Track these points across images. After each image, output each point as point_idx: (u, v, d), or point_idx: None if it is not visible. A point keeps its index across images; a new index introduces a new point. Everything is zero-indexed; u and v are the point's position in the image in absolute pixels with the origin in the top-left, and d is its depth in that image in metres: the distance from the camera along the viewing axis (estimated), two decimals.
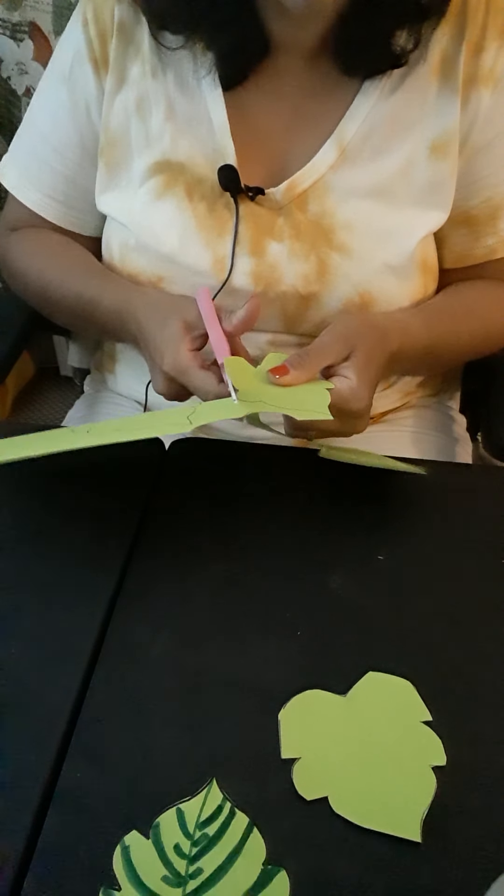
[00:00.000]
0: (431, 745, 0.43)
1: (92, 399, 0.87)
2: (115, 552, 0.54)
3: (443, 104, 0.64)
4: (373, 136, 0.66)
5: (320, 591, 0.52)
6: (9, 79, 1.20)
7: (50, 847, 0.38)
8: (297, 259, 0.67)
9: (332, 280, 0.67)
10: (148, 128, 0.68)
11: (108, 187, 0.72)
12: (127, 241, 0.71)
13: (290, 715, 0.44)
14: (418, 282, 0.70)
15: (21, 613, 0.50)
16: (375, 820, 0.39)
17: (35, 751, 0.42)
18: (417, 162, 0.66)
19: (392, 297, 0.69)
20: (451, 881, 0.38)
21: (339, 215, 0.67)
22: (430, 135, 0.65)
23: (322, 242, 0.67)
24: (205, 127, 0.67)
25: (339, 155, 0.66)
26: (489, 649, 0.49)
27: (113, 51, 0.68)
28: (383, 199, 0.67)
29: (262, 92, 0.67)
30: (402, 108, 0.65)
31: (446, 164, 0.66)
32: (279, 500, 0.59)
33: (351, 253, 0.67)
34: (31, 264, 0.76)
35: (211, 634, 0.49)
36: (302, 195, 0.67)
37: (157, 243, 0.68)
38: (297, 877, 0.37)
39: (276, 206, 0.68)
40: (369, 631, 0.49)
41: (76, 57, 0.69)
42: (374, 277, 0.68)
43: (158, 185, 0.68)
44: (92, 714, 0.44)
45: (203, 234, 0.67)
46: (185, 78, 0.67)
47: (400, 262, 0.68)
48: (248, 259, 0.67)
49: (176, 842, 0.38)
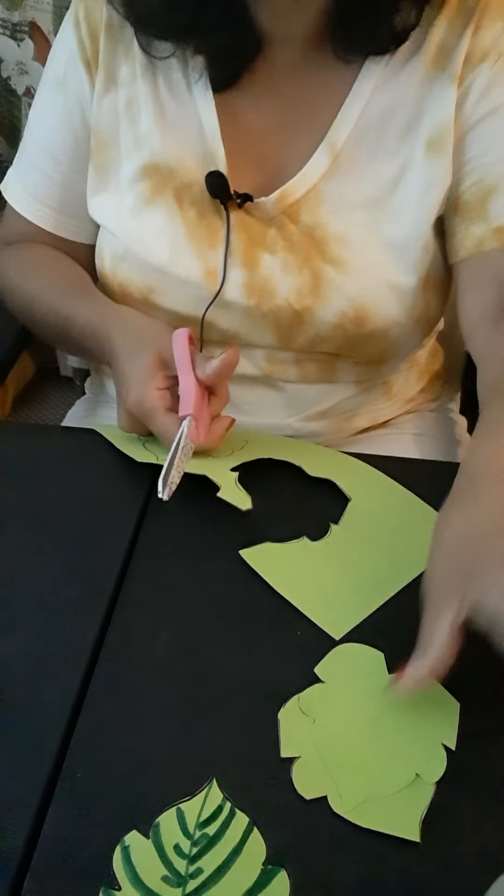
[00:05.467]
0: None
1: (93, 402, 0.86)
2: (114, 552, 0.54)
3: (439, 94, 0.61)
4: (366, 137, 0.64)
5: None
6: (9, 79, 1.19)
7: (50, 847, 0.38)
8: (291, 272, 0.65)
9: (325, 294, 0.65)
10: (137, 130, 0.67)
11: (98, 190, 0.70)
12: (117, 250, 0.69)
13: (290, 714, 0.44)
14: (419, 298, 0.68)
15: (21, 613, 0.50)
16: (375, 820, 0.39)
17: (35, 751, 0.42)
18: (414, 164, 0.63)
19: (389, 312, 0.67)
20: (451, 881, 0.38)
21: (332, 227, 0.65)
22: (426, 129, 0.62)
23: (315, 255, 0.65)
24: (195, 130, 0.66)
25: (332, 162, 0.64)
26: (488, 650, 0.49)
27: (102, 50, 0.66)
28: (378, 209, 0.65)
29: (255, 94, 0.65)
30: (397, 104, 0.63)
31: (443, 160, 0.63)
32: (279, 500, 0.59)
33: (345, 266, 0.65)
34: (18, 279, 0.74)
35: (211, 634, 0.49)
36: (294, 206, 0.65)
37: (146, 254, 0.67)
38: (297, 877, 0.37)
39: (267, 215, 0.66)
40: (369, 631, 0.49)
41: (69, 59, 0.68)
42: (370, 292, 0.65)
43: (147, 190, 0.66)
44: (92, 714, 0.44)
45: (194, 245, 0.66)
46: (175, 80, 0.65)
47: (396, 276, 0.65)
48: (240, 271, 0.66)
49: (176, 842, 0.38)
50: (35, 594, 0.51)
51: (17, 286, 0.74)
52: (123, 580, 0.52)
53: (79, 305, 0.68)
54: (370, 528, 0.56)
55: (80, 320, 0.67)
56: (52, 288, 0.71)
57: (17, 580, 0.52)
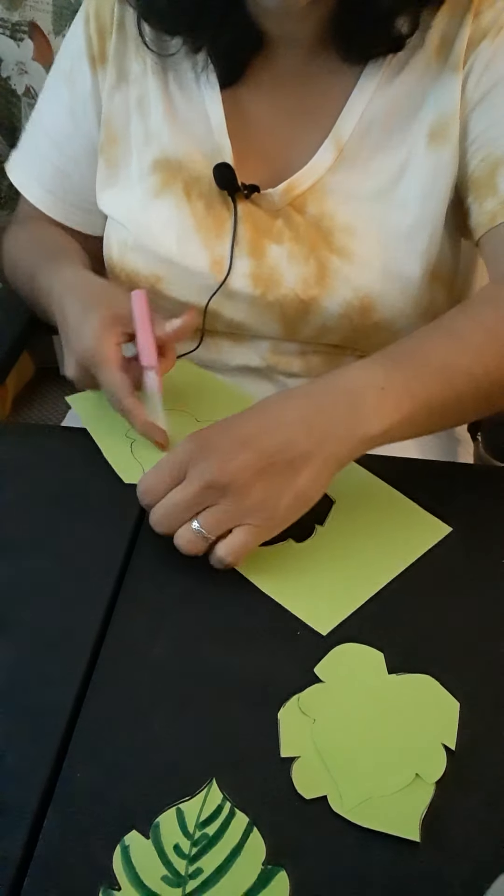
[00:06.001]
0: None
1: None
2: (114, 552, 0.54)
3: (443, 85, 0.62)
4: (371, 132, 0.65)
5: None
6: (9, 79, 1.20)
7: (50, 847, 0.38)
8: (297, 262, 0.67)
9: (331, 284, 0.66)
10: (147, 125, 0.69)
11: (108, 184, 0.72)
12: (126, 240, 0.71)
13: (290, 714, 0.44)
14: (424, 289, 0.68)
15: (21, 613, 0.50)
16: (375, 820, 0.39)
17: (35, 750, 0.42)
18: (417, 155, 0.64)
19: (394, 303, 0.67)
20: (451, 881, 0.38)
21: (339, 218, 0.66)
22: (429, 121, 0.63)
23: (322, 245, 0.66)
24: (203, 125, 0.67)
25: (338, 156, 0.65)
26: (488, 649, 0.49)
27: (113, 47, 0.68)
28: (383, 200, 0.66)
29: (261, 89, 0.67)
30: (401, 98, 0.64)
31: (447, 150, 0.63)
32: None
33: (351, 256, 0.66)
34: (18, 252, 0.77)
35: (211, 634, 0.49)
36: (300, 197, 0.67)
37: (154, 243, 0.68)
38: (297, 877, 0.37)
39: (273, 207, 0.67)
40: (369, 631, 0.49)
41: (77, 54, 0.70)
42: (375, 282, 0.66)
43: (157, 183, 0.68)
44: (92, 714, 0.44)
45: (201, 235, 0.67)
46: (183, 76, 0.67)
47: (402, 266, 0.66)
48: (247, 260, 0.67)
49: (176, 842, 0.38)
50: (35, 594, 0.51)
51: (17, 259, 0.77)
52: (123, 580, 0.52)
53: (46, 269, 0.69)
54: (355, 526, 0.56)
55: (42, 281, 0.68)
56: (38, 256, 0.73)
57: (17, 580, 0.52)
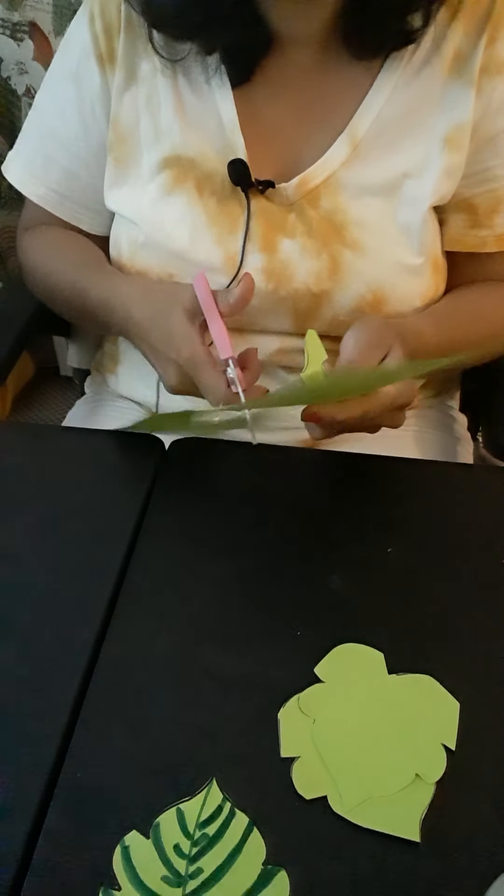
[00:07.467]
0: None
1: (93, 401, 0.87)
2: (114, 552, 0.54)
3: (457, 98, 0.64)
4: (386, 131, 0.66)
5: (320, 591, 0.52)
6: (9, 79, 1.20)
7: (50, 847, 0.38)
8: (310, 256, 0.67)
9: (344, 278, 0.67)
10: (157, 123, 0.68)
11: (117, 183, 0.72)
12: (136, 238, 0.70)
13: (290, 714, 0.44)
14: (430, 280, 0.70)
15: (21, 613, 0.50)
16: (375, 820, 0.39)
17: (35, 751, 0.42)
18: (431, 156, 0.65)
19: (405, 295, 0.68)
20: (451, 881, 0.38)
21: (352, 212, 0.67)
22: (444, 128, 0.65)
23: (334, 239, 0.66)
24: (214, 123, 0.67)
25: (352, 151, 0.66)
26: (488, 649, 0.49)
27: (121, 47, 0.68)
28: (395, 195, 0.66)
29: (272, 87, 0.67)
30: (417, 103, 0.65)
31: (459, 155, 0.66)
32: (279, 500, 0.59)
33: (364, 250, 0.66)
34: (37, 259, 0.77)
35: (211, 634, 0.49)
36: (314, 191, 0.67)
37: (166, 240, 0.68)
38: (297, 877, 0.37)
39: (287, 201, 0.67)
40: (369, 631, 0.49)
41: (82, 53, 0.69)
42: (388, 275, 0.67)
43: (168, 181, 0.68)
44: (92, 714, 0.44)
45: (214, 231, 0.67)
46: (194, 75, 0.67)
47: (413, 259, 0.67)
48: (259, 256, 0.67)
49: (176, 842, 0.38)
50: (35, 594, 0.51)
51: (35, 266, 0.77)
52: (123, 580, 0.52)
53: (92, 278, 0.70)
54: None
55: (92, 292, 0.69)
56: (69, 263, 0.74)
57: (17, 580, 0.52)
